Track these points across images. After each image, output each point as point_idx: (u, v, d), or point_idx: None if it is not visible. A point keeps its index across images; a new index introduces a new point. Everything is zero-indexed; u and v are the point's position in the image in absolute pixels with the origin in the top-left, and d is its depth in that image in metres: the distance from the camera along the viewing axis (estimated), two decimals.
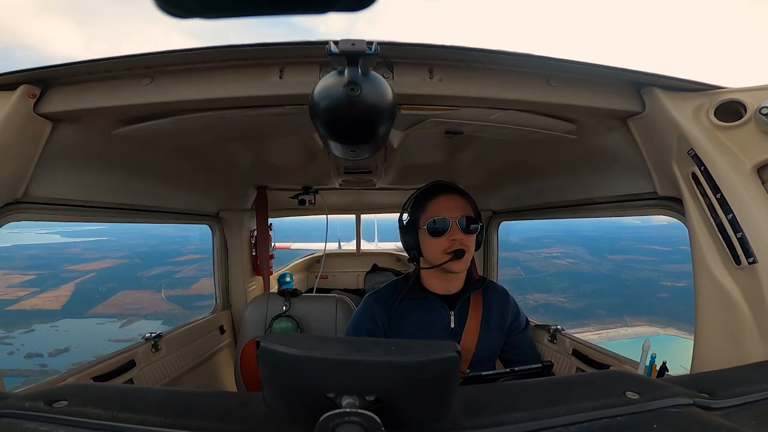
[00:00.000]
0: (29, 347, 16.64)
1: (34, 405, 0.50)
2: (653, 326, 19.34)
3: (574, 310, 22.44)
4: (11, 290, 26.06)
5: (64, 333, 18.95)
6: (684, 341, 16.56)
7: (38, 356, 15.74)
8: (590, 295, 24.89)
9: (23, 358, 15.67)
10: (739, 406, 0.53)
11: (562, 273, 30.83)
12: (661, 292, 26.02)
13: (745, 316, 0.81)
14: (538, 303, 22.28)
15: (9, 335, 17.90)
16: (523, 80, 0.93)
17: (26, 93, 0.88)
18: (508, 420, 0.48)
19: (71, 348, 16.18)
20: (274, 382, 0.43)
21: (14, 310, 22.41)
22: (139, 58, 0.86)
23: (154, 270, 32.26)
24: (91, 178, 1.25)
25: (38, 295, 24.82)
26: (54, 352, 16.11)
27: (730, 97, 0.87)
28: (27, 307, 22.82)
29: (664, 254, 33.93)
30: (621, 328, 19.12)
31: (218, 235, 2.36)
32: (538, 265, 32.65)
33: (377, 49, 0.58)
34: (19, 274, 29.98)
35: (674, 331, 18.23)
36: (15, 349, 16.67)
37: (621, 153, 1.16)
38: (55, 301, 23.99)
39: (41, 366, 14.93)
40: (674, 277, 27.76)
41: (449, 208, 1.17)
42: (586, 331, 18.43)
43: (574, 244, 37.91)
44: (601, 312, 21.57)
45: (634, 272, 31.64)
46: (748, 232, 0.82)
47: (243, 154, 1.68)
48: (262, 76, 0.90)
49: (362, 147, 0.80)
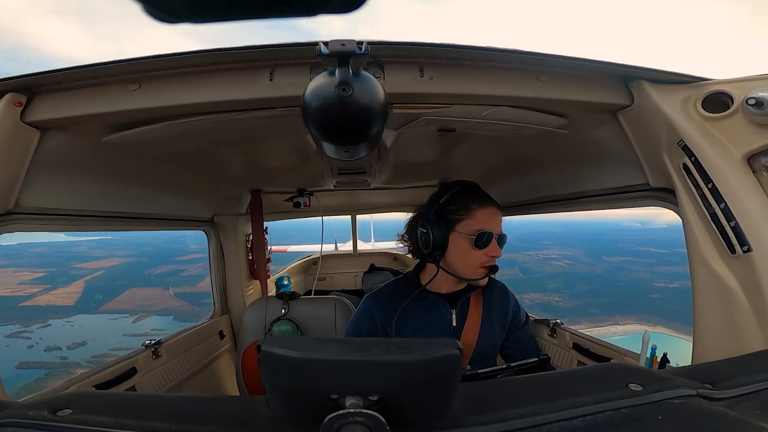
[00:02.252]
0: (48, 341, 17.33)
1: (38, 414, 0.50)
2: (642, 324, 20.05)
3: (567, 309, 23.15)
4: (23, 287, 26.78)
5: (79, 328, 19.64)
6: (672, 339, 17.33)
7: (57, 349, 16.44)
8: (584, 295, 25.60)
9: (43, 351, 16.41)
10: (743, 396, 0.53)
11: (558, 274, 31.43)
12: (654, 292, 26.70)
13: (743, 304, 0.82)
14: (533, 302, 22.93)
15: (26, 330, 18.52)
16: (513, 76, 0.95)
17: (12, 101, 0.87)
18: (511, 415, 0.48)
19: (88, 342, 16.83)
20: (276, 385, 0.44)
21: (29, 306, 23.11)
22: (126, 64, 0.85)
23: (161, 268, 32.88)
24: (83, 187, 1.24)
25: (50, 291, 25.56)
26: (72, 345, 16.78)
27: (717, 88, 0.88)
28: (41, 303, 23.56)
29: (660, 256, 34.43)
30: (611, 326, 19.82)
31: (214, 241, 2.36)
32: (536, 267, 33.19)
33: (367, 48, 0.59)
34: (29, 272, 30.63)
35: (663, 329, 18.95)
36: (34, 342, 17.36)
37: (612, 146, 1.17)
38: (68, 297, 24.74)
39: (61, 358, 15.62)
40: (667, 279, 28.50)
41: (495, 221, 1.15)
42: (578, 328, 19.11)
43: (571, 246, 38.37)
44: (594, 311, 22.32)
45: (628, 273, 32.25)
46: (741, 221, 0.82)
47: (236, 158, 1.67)
48: (253, 78, 0.90)
49: (355, 147, 0.81)
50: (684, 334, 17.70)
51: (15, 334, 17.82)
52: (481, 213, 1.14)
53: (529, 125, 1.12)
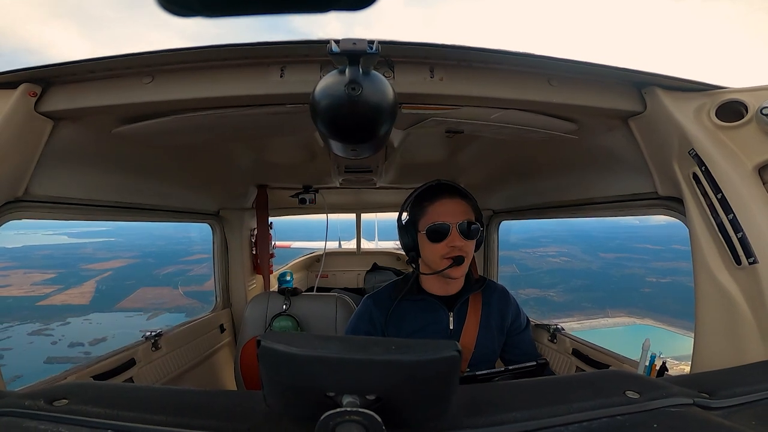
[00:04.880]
0: (69, 338, 18.13)
1: (35, 403, 0.50)
2: (631, 317, 20.96)
3: (561, 303, 23.99)
4: (36, 287, 27.63)
5: (97, 325, 20.46)
6: (657, 330, 18.36)
7: (80, 345, 17.18)
8: (578, 289, 26.41)
9: (67, 346, 17.25)
10: (739, 405, 0.53)
11: (555, 270, 32.02)
12: (645, 287, 27.57)
13: (746, 316, 0.81)
14: (529, 297, 23.76)
15: (47, 327, 19.27)
16: (523, 80, 0.94)
17: (27, 91, 0.88)
18: (507, 419, 0.48)
19: (108, 338, 17.50)
20: (274, 381, 0.44)
21: (46, 305, 23.95)
22: (140, 57, 0.87)
23: (167, 269, 33.76)
24: (92, 177, 1.26)
25: (64, 291, 26.44)
26: (93, 341, 17.48)
27: (731, 97, 0.87)
28: (57, 302, 24.44)
29: (655, 252, 35.07)
30: (602, 318, 20.74)
31: (219, 234, 2.37)
32: (533, 263, 33.92)
33: (378, 48, 0.59)
34: (39, 273, 31.45)
35: (650, 321, 19.93)
36: (57, 339, 18.16)
37: (622, 153, 1.16)
38: (81, 297, 25.62)
39: (85, 354, 16.37)
40: (660, 274, 29.36)
41: (450, 212, 1.14)
42: (571, 320, 20.39)
43: (569, 243, 39.12)
44: (586, 304, 23.21)
45: (622, 269, 33.01)
46: (749, 232, 0.82)
47: (243, 153, 1.68)
48: (263, 75, 0.91)
49: (363, 146, 0.81)
50: (669, 326, 18.73)
51: (37, 332, 18.65)
52: (432, 207, 1.16)
53: (538, 129, 1.13)
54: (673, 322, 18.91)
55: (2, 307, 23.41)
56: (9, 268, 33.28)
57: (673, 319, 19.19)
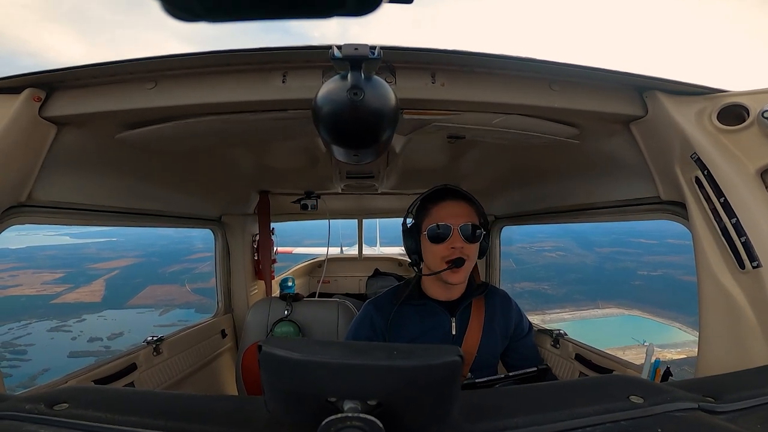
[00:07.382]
0: (88, 333, 18.84)
1: (35, 407, 0.50)
2: (620, 308, 21.88)
3: (554, 296, 24.55)
4: (47, 287, 28.38)
5: (112, 321, 21.19)
6: (644, 320, 19.38)
7: (99, 340, 17.84)
8: (571, 283, 27.01)
9: (87, 342, 18.03)
10: (744, 410, 0.52)
11: (550, 264, 32.61)
12: (636, 280, 28.46)
13: (750, 320, 0.81)
14: (524, 290, 24.61)
15: (65, 324, 20.05)
16: (525, 85, 0.94)
17: (31, 96, 0.89)
18: (510, 425, 0.47)
19: (124, 333, 18.26)
20: (275, 386, 0.44)
21: (59, 303, 24.68)
22: (144, 63, 0.87)
23: (173, 267, 34.41)
24: (95, 182, 1.26)
25: (75, 290, 27.23)
26: (111, 336, 18.14)
27: (733, 100, 0.87)
28: (70, 300, 25.23)
29: (648, 246, 35.73)
30: (593, 309, 21.71)
31: (220, 240, 2.37)
32: (529, 258, 34.71)
33: (380, 53, 0.59)
34: (48, 273, 32.15)
35: (638, 312, 20.78)
36: (76, 335, 18.85)
37: (624, 157, 1.16)
38: (92, 295, 26.41)
39: (105, 347, 17.16)
40: (651, 268, 30.11)
41: (453, 214, 1.15)
42: (563, 311, 21.32)
43: (565, 238, 39.96)
44: (578, 297, 23.91)
45: (616, 263, 33.78)
46: (752, 236, 0.81)
47: (245, 158, 1.69)
48: (265, 80, 0.91)
49: (365, 151, 0.81)
50: (656, 316, 19.74)
51: (56, 329, 19.38)
52: (436, 209, 1.17)
53: (540, 134, 1.13)
54: (659, 313, 19.67)
55: (18, 306, 24.23)
56: (17, 269, 33.94)
57: (661, 310, 19.88)
